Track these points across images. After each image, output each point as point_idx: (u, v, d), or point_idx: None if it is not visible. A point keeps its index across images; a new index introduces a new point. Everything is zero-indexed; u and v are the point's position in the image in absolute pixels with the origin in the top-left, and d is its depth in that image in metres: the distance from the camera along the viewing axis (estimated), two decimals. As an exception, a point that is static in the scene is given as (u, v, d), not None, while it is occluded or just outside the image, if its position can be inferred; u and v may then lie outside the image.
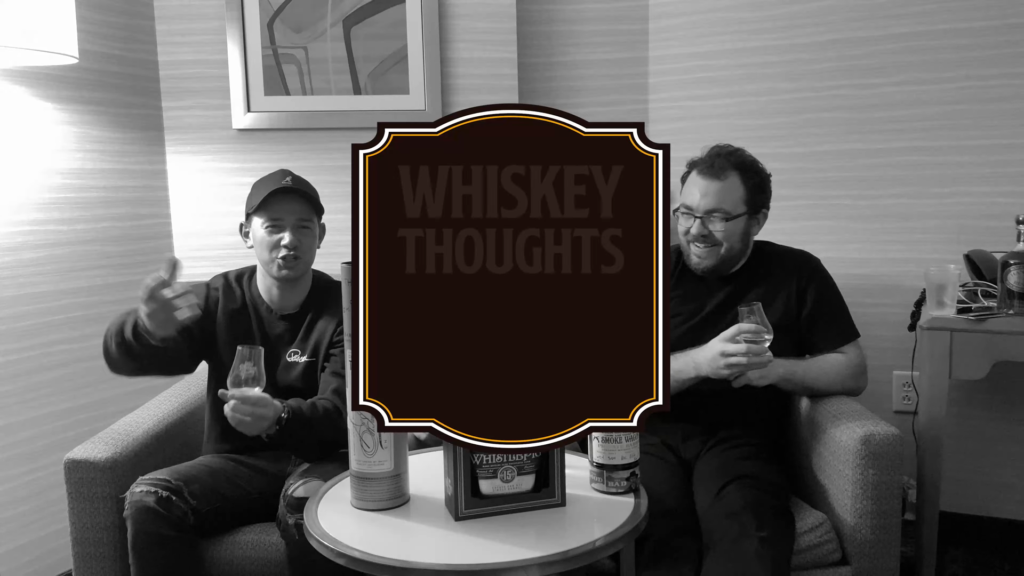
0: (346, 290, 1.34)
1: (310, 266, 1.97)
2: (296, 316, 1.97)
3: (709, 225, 1.93)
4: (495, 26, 2.52)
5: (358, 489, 1.41)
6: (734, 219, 1.93)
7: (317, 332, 1.94)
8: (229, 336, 1.94)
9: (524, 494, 1.38)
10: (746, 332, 1.73)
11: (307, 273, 1.97)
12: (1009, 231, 2.03)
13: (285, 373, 1.93)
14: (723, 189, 1.93)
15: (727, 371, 1.76)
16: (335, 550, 1.28)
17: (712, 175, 1.93)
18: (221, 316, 1.96)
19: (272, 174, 1.94)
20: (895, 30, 2.36)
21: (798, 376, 1.90)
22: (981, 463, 2.42)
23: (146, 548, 1.66)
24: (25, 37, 1.83)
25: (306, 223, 1.91)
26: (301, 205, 1.90)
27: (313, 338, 1.94)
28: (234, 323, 1.96)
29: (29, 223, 2.18)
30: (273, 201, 1.87)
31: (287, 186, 1.87)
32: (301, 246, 1.89)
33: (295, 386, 1.91)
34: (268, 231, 1.88)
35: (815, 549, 1.74)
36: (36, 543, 2.22)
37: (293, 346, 1.95)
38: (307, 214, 1.91)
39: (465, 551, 1.27)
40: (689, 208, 1.96)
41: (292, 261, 1.88)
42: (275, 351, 1.94)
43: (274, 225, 1.88)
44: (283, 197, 1.87)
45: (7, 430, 2.15)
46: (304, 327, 1.96)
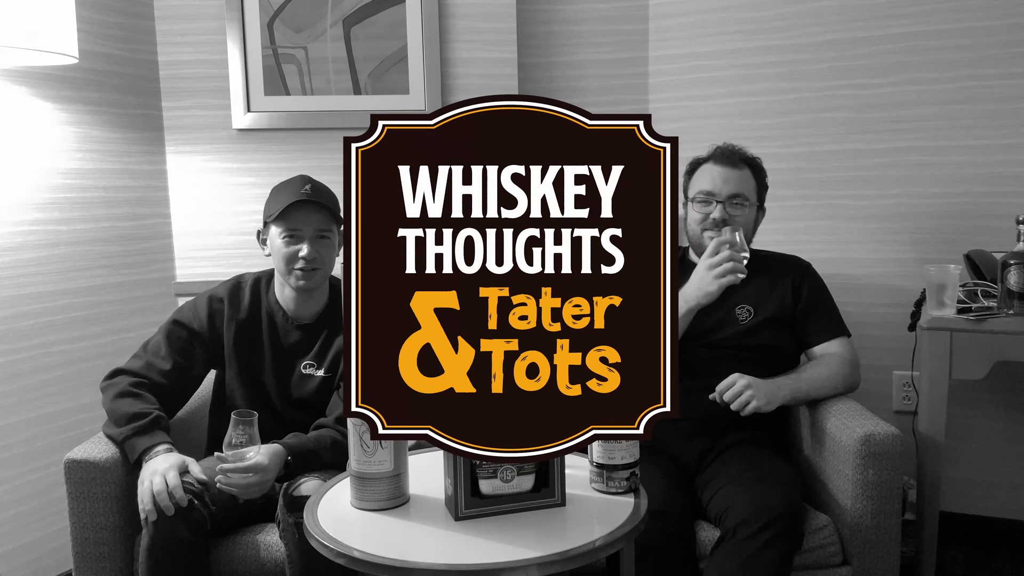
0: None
1: (328, 276, 1.94)
2: (313, 327, 1.94)
3: (730, 210, 1.98)
4: (495, 26, 2.52)
5: (358, 489, 1.41)
6: (751, 207, 2.02)
7: (335, 347, 1.92)
8: (237, 346, 1.92)
9: (524, 494, 1.38)
10: (724, 243, 1.83)
11: (325, 283, 1.95)
12: (1009, 231, 2.03)
13: (300, 386, 1.92)
14: (742, 177, 2.02)
15: (716, 286, 1.82)
16: (335, 550, 1.28)
17: (731, 164, 2.01)
18: (227, 328, 1.93)
19: (291, 180, 1.91)
20: (895, 30, 2.35)
21: (802, 393, 1.91)
22: (981, 463, 2.42)
23: (162, 552, 1.64)
24: (25, 37, 1.82)
25: (325, 233, 1.87)
26: (320, 215, 1.86)
27: (331, 353, 1.92)
28: (242, 333, 1.93)
29: (29, 223, 2.18)
30: (292, 211, 1.84)
31: (306, 196, 1.84)
32: (320, 257, 1.86)
33: (309, 400, 1.91)
34: (286, 241, 1.85)
35: (817, 551, 1.74)
36: (36, 543, 2.22)
37: (308, 358, 1.93)
38: (326, 224, 1.87)
39: (465, 551, 1.27)
40: (711, 193, 2.00)
41: (310, 273, 1.86)
42: (289, 361, 1.93)
43: (292, 235, 1.85)
44: (302, 207, 1.84)
45: (7, 430, 2.15)
46: (321, 340, 1.93)
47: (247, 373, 1.93)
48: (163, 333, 1.92)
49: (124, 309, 2.43)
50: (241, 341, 1.93)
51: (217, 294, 1.97)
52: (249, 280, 1.99)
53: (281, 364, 1.93)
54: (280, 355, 1.93)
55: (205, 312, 1.93)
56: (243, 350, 1.93)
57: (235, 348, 1.93)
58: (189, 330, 1.92)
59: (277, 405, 1.92)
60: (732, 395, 1.79)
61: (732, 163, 2.01)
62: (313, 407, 1.90)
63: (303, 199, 1.83)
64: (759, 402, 1.78)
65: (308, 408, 1.90)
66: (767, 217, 2.11)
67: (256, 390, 1.92)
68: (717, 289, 1.82)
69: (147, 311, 2.46)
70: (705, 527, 1.76)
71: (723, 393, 1.80)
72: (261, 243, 1.95)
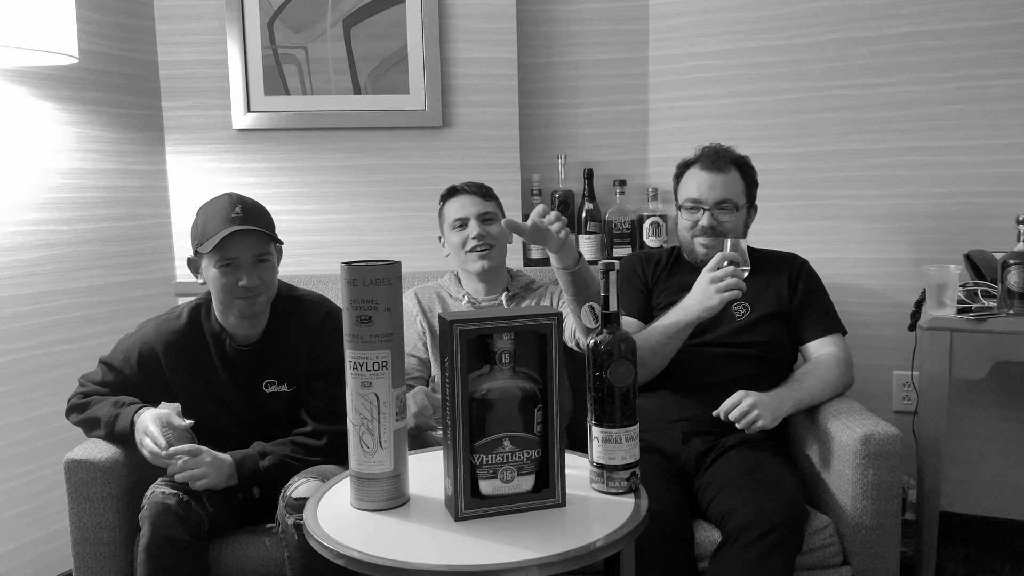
0: (345, 290, 1.34)
1: (272, 296, 1.83)
2: (261, 344, 1.85)
3: (718, 216, 1.98)
4: (495, 26, 2.52)
5: (358, 489, 1.41)
6: (739, 211, 2.00)
7: (290, 358, 1.85)
8: (190, 379, 1.86)
9: (524, 494, 1.38)
10: (728, 256, 1.81)
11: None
12: (1009, 231, 2.03)
13: (271, 403, 1.86)
14: (728, 182, 2.01)
15: (718, 300, 1.80)
16: (335, 551, 1.28)
17: (716, 169, 2.00)
18: (170, 367, 1.85)
19: (219, 204, 1.77)
20: (895, 30, 2.35)
21: (804, 403, 1.90)
22: (981, 463, 2.42)
23: (160, 551, 1.64)
24: (25, 37, 1.83)
25: (264, 256, 1.77)
26: (256, 239, 1.75)
27: (288, 366, 1.85)
28: (192, 366, 1.85)
29: (29, 223, 2.18)
30: (226, 240, 1.71)
31: (240, 226, 1.71)
32: (262, 282, 1.76)
33: (283, 416, 1.86)
34: (223, 271, 1.74)
35: (818, 551, 1.74)
36: (36, 543, 2.22)
37: (268, 376, 1.86)
38: (263, 246, 1.77)
39: (465, 552, 1.27)
40: (697, 201, 2.00)
41: (253, 299, 1.76)
42: (248, 382, 1.86)
43: (228, 264, 1.74)
44: (235, 235, 1.72)
45: (7, 430, 2.15)
46: (275, 354, 1.85)
47: (209, 401, 1.87)
48: (99, 373, 1.89)
49: (124, 309, 2.43)
50: (193, 373, 1.86)
51: (147, 342, 1.86)
52: (185, 311, 1.89)
53: (242, 386, 1.86)
54: (238, 378, 1.86)
55: (135, 360, 1.86)
56: (197, 381, 1.86)
57: (188, 381, 1.86)
58: (120, 373, 1.87)
59: (254, 424, 1.85)
60: (738, 414, 1.77)
61: (718, 167, 2.00)
62: (289, 422, 1.85)
63: (237, 228, 1.71)
64: (765, 420, 1.77)
65: (283, 424, 1.85)
66: (767, 217, 2.11)
67: (226, 414, 1.87)
68: (719, 304, 1.80)
69: (147, 311, 2.45)
70: (704, 527, 1.75)
71: (728, 411, 1.79)
72: (194, 272, 1.83)
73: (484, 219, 2.08)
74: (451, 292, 2.16)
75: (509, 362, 1.34)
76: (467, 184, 2.13)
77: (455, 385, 1.30)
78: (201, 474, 1.69)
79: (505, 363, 1.34)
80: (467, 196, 2.10)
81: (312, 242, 2.55)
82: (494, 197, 2.15)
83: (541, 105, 2.64)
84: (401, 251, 2.48)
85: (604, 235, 2.56)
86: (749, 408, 1.77)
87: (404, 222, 2.55)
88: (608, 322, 1.39)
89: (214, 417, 1.86)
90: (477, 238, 2.06)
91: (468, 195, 2.10)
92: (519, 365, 1.35)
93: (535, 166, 2.62)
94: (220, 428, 1.84)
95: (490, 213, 2.10)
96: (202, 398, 1.87)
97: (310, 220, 2.56)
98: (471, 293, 2.13)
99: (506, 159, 2.56)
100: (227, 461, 1.75)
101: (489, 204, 2.11)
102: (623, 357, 1.37)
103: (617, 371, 1.37)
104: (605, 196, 2.58)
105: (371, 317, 1.33)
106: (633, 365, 1.38)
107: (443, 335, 1.33)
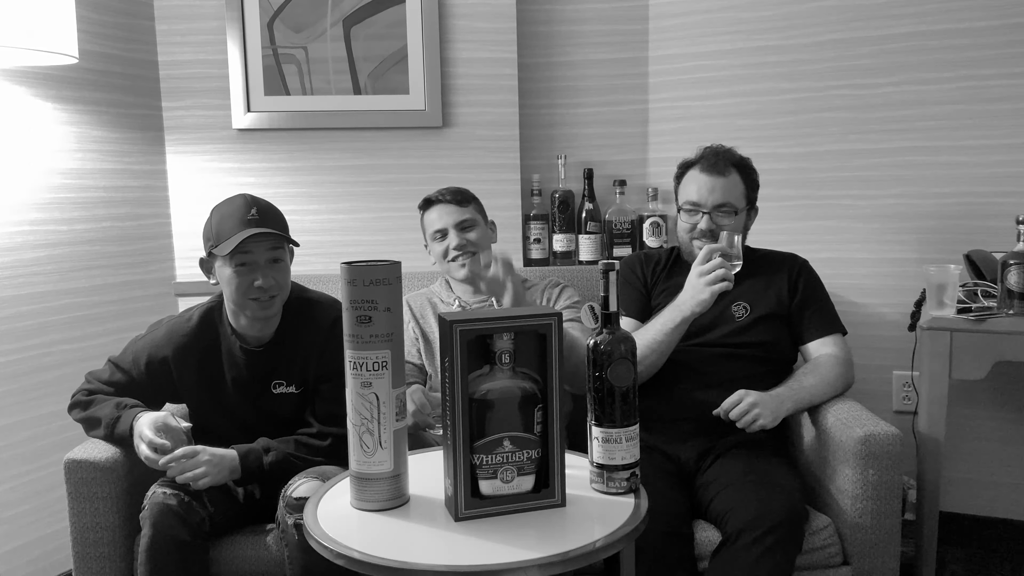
0: (344, 290, 1.34)
1: (286, 297, 1.84)
2: (273, 344, 1.86)
3: (717, 219, 1.97)
4: (495, 26, 2.52)
5: (358, 489, 1.41)
6: (739, 214, 2.00)
7: (300, 360, 1.86)
8: (200, 382, 1.86)
9: (524, 494, 1.38)
10: (715, 250, 1.82)
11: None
12: (1009, 231, 2.03)
13: (277, 405, 1.86)
14: (727, 184, 1.99)
15: (708, 293, 1.80)
16: (335, 551, 1.28)
17: (716, 171, 1.99)
18: (178, 370, 1.86)
19: (234, 205, 1.78)
20: (895, 30, 2.35)
21: (804, 402, 1.90)
22: (981, 463, 2.42)
23: (161, 552, 1.64)
24: (25, 37, 1.83)
25: (278, 257, 1.79)
26: (271, 239, 1.76)
27: (297, 367, 1.86)
28: (203, 368, 1.86)
29: (29, 223, 2.18)
30: (241, 242, 1.72)
31: (256, 228, 1.72)
32: (276, 283, 1.78)
33: (288, 420, 1.86)
34: (238, 272, 1.75)
35: (818, 551, 1.74)
36: (36, 543, 2.22)
37: (277, 376, 1.87)
38: (278, 248, 1.78)
39: (465, 552, 1.27)
40: (696, 204, 1.99)
41: (268, 302, 1.77)
42: (257, 383, 1.86)
43: (244, 265, 1.75)
44: (251, 236, 1.73)
45: (7, 430, 2.15)
46: (286, 355, 1.86)
47: (215, 404, 1.87)
48: (107, 372, 1.88)
49: (124, 309, 2.43)
50: (201, 376, 1.86)
51: (158, 346, 1.86)
52: (196, 314, 1.89)
53: (251, 389, 1.86)
54: (248, 381, 1.86)
55: (144, 363, 1.86)
56: (205, 384, 1.86)
57: (196, 384, 1.86)
58: (128, 374, 1.87)
59: (258, 429, 1.84)
60: (738, 413, 1.78)
61: (718, 170, 1.99)
62: (295, 426, 1.85)
63: (253, 228, 1.72)
64: (765, 420, 1.77)
65: (289, 427, 1.85)
66: (768, 217, 2.11)
67: (232, 418, 1.87)
68: (710, 297, 1.81)
69: (147, 311, 2.46)
70: (704, 527, 1.75)
71: (728, 411, 1.79)
72: (205, 272, 1.83)
73: (463, 227, 2.08)
74: (442, 297, 2.17)
75: (509, 362, 1.34)
76: (441, 193, 2.12)
77: (455, 385, 1.30)
78: (201, 473, 1.69)
79: (505, 363, 1.34)
80: (443, 206, 2.10)
81: (312, 242, 2.54)
82: (472, 200, 2.13)
83: (541, 105, 2.64)
84: (401, 251, 2.47)
85: (604, 235, 2.56)
86: (749, 407, 1.77)
87: (404, 222, 2.55)
88: (608, 322, 1.39)
89: (219, 421, 1.87)
90: (457, 248, 2.07)
91: (444, 204, 2.10)
92: (519, 365, 1.35)
93: (535, 166, 2.62)
94: (224, 432, 1.84)
95: (468, 220, 2.09)
96: (208, 401, 1.88)
97: (310, 220, 2.56)
98: (461, 297, 2.14)
99: (506, 159, 2.56)
100: (229, 455, 1.74)
101: (466, 210, 2.10)
102: (623, 357, 1.37)
103: (617, 371, 1.37)
104: (605, 196, 2.58)
105: (371, 317, 1.33)
106: (633, 365, 1.38)
107: (443, 335, 1.33)
